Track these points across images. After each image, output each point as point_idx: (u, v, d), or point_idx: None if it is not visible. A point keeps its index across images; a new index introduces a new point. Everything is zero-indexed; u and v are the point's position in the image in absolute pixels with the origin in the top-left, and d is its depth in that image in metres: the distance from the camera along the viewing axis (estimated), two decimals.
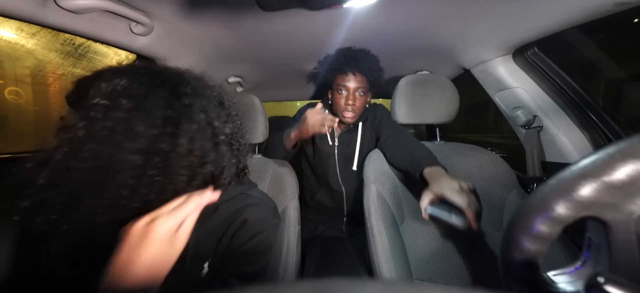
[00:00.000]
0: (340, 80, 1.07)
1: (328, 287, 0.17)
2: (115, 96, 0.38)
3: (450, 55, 1.16)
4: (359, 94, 1.07)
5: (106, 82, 0.39)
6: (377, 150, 1.10)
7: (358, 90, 1.06)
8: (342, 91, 1.07)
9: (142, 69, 0.43)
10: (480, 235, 0.99)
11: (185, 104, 0.42)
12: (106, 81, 0.39)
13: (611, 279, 0.19)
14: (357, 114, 1.10)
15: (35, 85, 1.31)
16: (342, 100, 1.08)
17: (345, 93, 1.07)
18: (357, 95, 1.07)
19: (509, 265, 0.26)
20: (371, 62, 1.05)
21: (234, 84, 1.48)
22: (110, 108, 0.38)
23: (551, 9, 0.74)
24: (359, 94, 1.07)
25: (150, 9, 0.75)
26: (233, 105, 0.53)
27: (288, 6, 0.59)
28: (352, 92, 1.06)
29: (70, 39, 1.16)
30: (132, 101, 0.38)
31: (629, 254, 0.24)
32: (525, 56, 1.01)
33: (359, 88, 1.06)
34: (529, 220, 0.25)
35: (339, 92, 1.08)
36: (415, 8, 0.79)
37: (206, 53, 1.07)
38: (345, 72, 1.05)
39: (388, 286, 0.17)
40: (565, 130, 0.96)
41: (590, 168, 0.23)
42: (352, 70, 1.04)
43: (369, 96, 1.15)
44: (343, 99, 1.08)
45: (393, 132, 1.09)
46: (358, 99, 1.08)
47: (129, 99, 0.38)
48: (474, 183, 1.04)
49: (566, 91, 0.96)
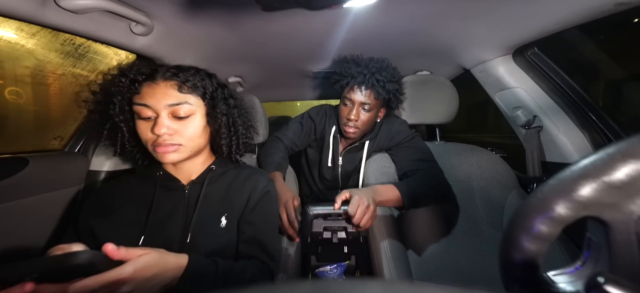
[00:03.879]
0: (347, 91, 0.98)
1: (328, 287, 0.17)
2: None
3: (450, 55, 1.16)
4: (365, 109, 0.97)
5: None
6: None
7: (364, 105, 0.96)
8: (347, 103, 0.99)
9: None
10: (480, 235, 0.99)
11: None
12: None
13: (611, 279, 0.19)
14: (360, 130, 1.01)
15: (35, 85, 1.31)
16: (345, 112, 1.00)
17: (349, 106, 0.99)
18: (361, 110, 0.98)
19: (509, 265, 0.26)
20: (385, 76, 0.93)
21: (234, 84, 1.48)
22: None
23: (551, 9, 0.74)
24: (364, 110, 0.97)
25: (150, 9, 0.75)
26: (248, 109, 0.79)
27: (288, 6, 0.60)
28: (357, 106, 0.97)
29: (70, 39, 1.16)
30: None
31: (629, 254, 0.24)
32: (525, 56, 1.01)
33: (365, 104, 0.96)
34: (529, 220, 0.25)
35: (344, 103, 1.00)
36: (415, 8, 0.79)
37: (206, 53, 1.07)
38: (352, 85, 0.96)
39: (388, 286, 0.17)
40: (565, 130, 0.96)
41: (590, 169, 0.23)
42: (359, 84, 0.94)
43: (381, 111, 1.04)
44: (346, 111, 0.99)
45: (416, 163, 0.97)
46: (363, 114, 0.98)
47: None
48: (474, 183, 1.05)
49: (566, 91, 0.96)
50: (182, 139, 0.61)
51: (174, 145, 0.60)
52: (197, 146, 0.65)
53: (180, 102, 0.60)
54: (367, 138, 1.08)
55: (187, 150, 0.63)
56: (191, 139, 0.63)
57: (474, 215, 1.01)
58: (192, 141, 0.63)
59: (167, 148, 0.60)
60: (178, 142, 0.61)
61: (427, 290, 0.17)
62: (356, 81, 0.94)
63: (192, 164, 0.69)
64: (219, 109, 0.66)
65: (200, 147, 0.67)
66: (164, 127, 0.58)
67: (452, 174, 1.05)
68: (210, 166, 0.72)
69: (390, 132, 1.08)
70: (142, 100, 0.59)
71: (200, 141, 0.66)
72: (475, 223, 1.00)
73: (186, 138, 0.62)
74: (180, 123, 0.61)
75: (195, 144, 0.64)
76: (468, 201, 1.03)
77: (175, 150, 0.61)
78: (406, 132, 1.07)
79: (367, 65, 0.94)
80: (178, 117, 0.60)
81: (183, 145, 0.62)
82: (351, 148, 1.11)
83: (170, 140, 0.60)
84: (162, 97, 0.59)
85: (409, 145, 1.04)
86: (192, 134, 0.63)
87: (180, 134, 0.61)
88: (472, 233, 0.99)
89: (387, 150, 1.10)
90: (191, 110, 0.62)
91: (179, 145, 0.61)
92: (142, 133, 0.61)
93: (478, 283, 0.91)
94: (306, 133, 1.16)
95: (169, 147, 0.60)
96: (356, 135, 1.02)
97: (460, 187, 1.04)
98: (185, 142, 0.62)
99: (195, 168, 0.70)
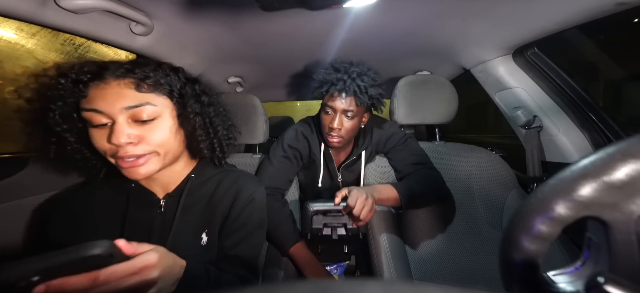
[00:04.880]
0: (327, 98, 0.92)
1: (328, 287, 0.17)
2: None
3: (450, 55, 1.16)
4: (348, 117, 0.91)
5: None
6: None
7: (346, 112, 0.90)
8: (328, 111, 0.93)
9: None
10: (479, 235, 0.99)
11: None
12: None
13: (611, 279, 0.19)
14: (345, 139, 0.94)
15: None
16: (327, 121, 0.93)
17: (331, 114, 0.92)
18: (344, 118, 0.91)
19: (509, 265, 0.26)
20: (367, 81, 0.87)
21: (234, 84, 1.48)
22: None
23: (551, 9, 0.74)
24: (347, 117, 0.91)
25: (150, 9, 0.75)
26: (229, 110, 0.70)
27: (288, 6, 0.59)
28: (339, 114, 0.90)
29: (70, 39, 1.16)
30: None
31: (629, 254, 0.24)
32: (525, 56, 1.01)
33: (348, 111, 0.89)
34: (528, 220, 0.25)
35: (325, 111, 0.94)
36: (415, 8, 0.79)
37: (206, 53, 1.07)
38: (332, 92, 0.89)
39: (388, 286, 0.17)
40: (565, 130, 0.96)
41: (590, 168, 0.23)
42: (340, 91, 0.88)
43: (365, 117, 0.99)
44: (328, 120, 0.93)
45: (410, 168, 0.98)
46: (346, 122, 0.91)
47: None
48: (474, 183, 1.05)
49: (566, 91, 0.96)
50: (150, 147, 0.52)
51: (142, 155, 0.51)
52: (171, 153, 0.56)
53: (140, 104, 0.50)
54: (361, 149, 1.05)
55: (159, 159, 0.54)
56: (161, 146, 0.53)
57: (473, 215, 1.01)
58: (162, 148, 0.54)
59: (135, 162, 0.51)
60: (145, 151, 0.51)
61: (427, 290, 0.17)
62: (336, 88, 0.87)
63: (169, 173, 0.60)
64: (190, 107, 0.57)
65: (176, 153, 0.58)
66: (123, 134, 0.48)
67: (451, 174, 1.05)
68: (189, 175, 0.64)
69: (382, 137, 1.06)
70: (91, 105, 0.49)
71: (173, 147, 0.56)
72: (474, 223, 1.00)
73: (155, 145, 0.52)
74: (144, 128, 0.51)
75: (167, 151, 0.55)
76: (468, 201, 1.03)
77: (145, 162, 0.52)
78: (399, 134, 1.06)
79: (347, 70, 0.87)
80: (140, 120, 0.51)
81: (153, 154, 0.53)
82: (347, 163, 1.08)
83: (135, 150, 0.50)
84: (115, 98, 0.49)
85: (402, 148, 1.03)
86: (161, 140, 0.53)
87: (146, 141, 0.51)
88: (472, 233, 0.99)
89: (385, 154, 1.09)
90: (156, 112, 0.52)
91: (149, 155, 0.52)
92: (97, 143, 0.51)
93: (478, 283, 0.91)
94: (295, 162, 1.06)
95: (138, 160, 0.51)
96: (341, 144, 0.96)
97: (460, 187, 1.04)
98: (154, 149, 0.53)
99: (173, 177, 0.62)
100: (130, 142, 0.50)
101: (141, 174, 0.52)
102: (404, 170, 1.00)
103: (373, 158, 1.09)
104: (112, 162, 0.52)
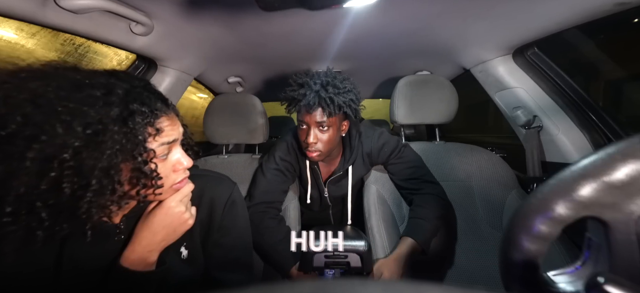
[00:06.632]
0: (299, 114, 0.88)
1: (328, 287, 0.17)
2: None
3: (450, 55, 1.16)
4: (322, 129, 0.86)
5: None
6: None
7: (320, 125, 0.85)
8: (303, 126, 0.88)
9: None
10: (479, 235, 0.99)
11: None
12: None
13: (611, 279, 0.19)
14: (323, 152, 0.89)
15: None
16: (303, 136, 0.88)
17: (305, 128, 0.88)
18: (319, 131, 0.86)
19: (509, 265, 0.26)
20: (332, 91, 0.81)
21: (234, 84, 1.48)
22: None
23: (551, 9, 0.74)
24: (322, 130, 0.86)
25: (150, 9, 0.75)
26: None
27: (288, 6, 0.59)
28: (313, 127, 0.86)
29: (70, 39, 1.16)
30: None
31: (629, 254, 0.24)
32: (525, 56, 1.01)
33: (321, 123, 0.85)
34: (529, 220, 0.25)
35: (300, 126, 0.89)
36: (415, 8, 0.79)
37: (206, 53, 1.07)
38: (301, 107, 0.85)
39: (388, 286, 0.17)
40: (565, 130, 0.96)
41: (590, 169, 0.23)
42: (305, 106, 0.83)
43: (344, 125, 0.92)
44: (304, 135, 0.88)
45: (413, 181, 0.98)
46: (321, 135, 0.87)
47: None
48: (474, 183, 1.05)
49: (566, 91, 0.96)
50: None
51: None
52: None
53: None
54: (349, 163, 1.00)
55: None
56: None
57: (473, 215, 1.01)
58: None
59: None
60: None
61: (427, 290, 0.17)
62: (302, 104, 0.83)
63: None
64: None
65: None
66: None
67: (452, 174, 1.05)
68: None
69: (374, 148, 1.01)
70: None
71: None
72: (474, 223, 1.00)
73: None
74: None
75: None
76: (468, 201, 1.03)
77: None
78: (391, 143, 1.02)
79: (309, 84, 0.83)
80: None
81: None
82: (333, 179, 1.03)
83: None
84: None
85: (398, 161, 1.01)
86: None
87: None
88: (472, 233, 0.99)
89: (384, 165, 1.06)
90: None
91: None
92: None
93: (478, 283, 0.91)
94: (289, 174, 1.03)
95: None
96: (321, 157, 0.91)
97: (460, 187, 1.04)
98: None
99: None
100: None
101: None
102: (403, 185, 1.00)
103: (369, 174, 1.06)
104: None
